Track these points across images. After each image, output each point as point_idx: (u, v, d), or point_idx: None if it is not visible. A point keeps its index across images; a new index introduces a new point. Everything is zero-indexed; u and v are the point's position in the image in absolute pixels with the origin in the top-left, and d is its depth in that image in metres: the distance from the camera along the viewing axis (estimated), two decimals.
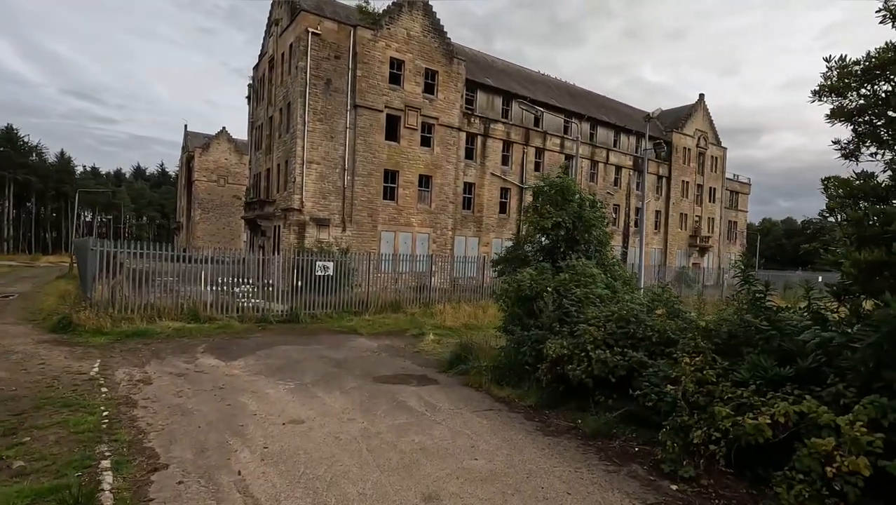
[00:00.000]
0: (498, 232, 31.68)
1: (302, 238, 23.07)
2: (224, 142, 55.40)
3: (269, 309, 15.25)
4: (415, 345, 12.21)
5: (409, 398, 7.47)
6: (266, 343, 11.58)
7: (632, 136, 40.10)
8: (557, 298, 7.32)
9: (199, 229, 52.24)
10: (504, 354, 8.16)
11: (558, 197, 8.77)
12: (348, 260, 18.18)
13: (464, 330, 14.85)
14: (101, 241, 13.19)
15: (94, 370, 8.51)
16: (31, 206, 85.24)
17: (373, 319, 15.95)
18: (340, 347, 11.61)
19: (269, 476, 4.72)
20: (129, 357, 9.66)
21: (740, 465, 4.78)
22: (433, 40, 27.06)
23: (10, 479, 4.45)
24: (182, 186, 61.86)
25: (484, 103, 30.64)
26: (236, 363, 9.43)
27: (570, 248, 8.69)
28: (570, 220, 8.52)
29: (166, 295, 13.85)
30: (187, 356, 9.91)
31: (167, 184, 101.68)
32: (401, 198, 26.43)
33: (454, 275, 21.20)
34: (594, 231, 8.82)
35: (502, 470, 5.04)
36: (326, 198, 24.07)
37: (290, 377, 8.47)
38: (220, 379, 8.23)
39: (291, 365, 9.41)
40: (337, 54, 24.00)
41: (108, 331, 11.71)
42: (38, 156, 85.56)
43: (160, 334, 11.90)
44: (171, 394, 7.29)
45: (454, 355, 9.59)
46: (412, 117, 26.36)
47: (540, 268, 7.96)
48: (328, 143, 23.95)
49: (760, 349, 5.29)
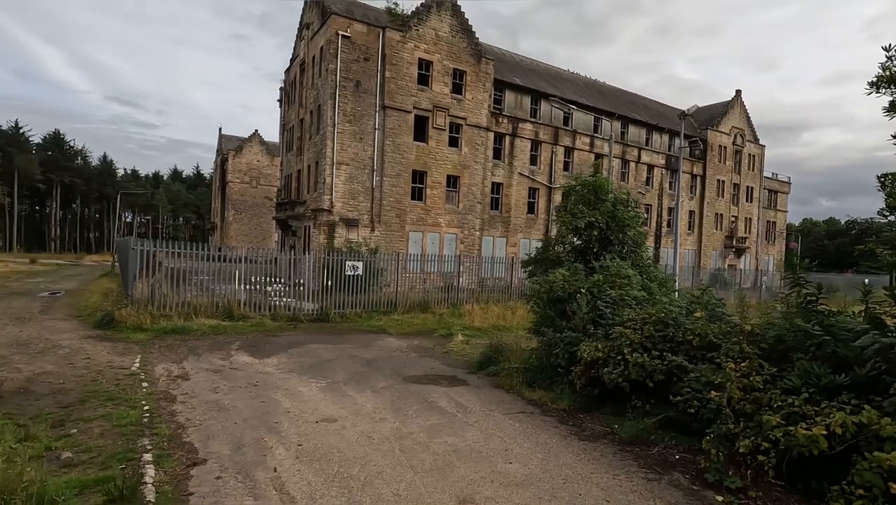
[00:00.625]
0: (526, 232, 31.37)
1: (332, 238, 23.39)
2: (256, 144, 56.80)
3: (299, 308, 15.50)
4: (444, 345, 12.17)
5: (439, 399, 7.42)
6: (297, 342, 11.75)
7: (664, 135, 39.10)
8: (591, 299, 7.13)
9: (232, 229, 53.71)
10: (535, 356, 8.02)
11: (591, 196, 8.54)
12: (377, 260, 18.31)
13: (492, 331, 14.73)
14: (142, 241, 13.67)
15: (135, 365, 8.79)
16: (75, 208, 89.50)
17: (401, 318, 16.01)
18: (370, 346, 11.68)
19: (303, 474, 4.75)
20: (168, 353, 9.95)
21: (791, 477, 4.53)
22: (461, 40, 27.01)
23: (59, 469, 4.61)
24: (216, 188, 63.75)
25: (512, 103, 30.39)
26: (269, 361, 9.60)
27: (603, 249, 8.45)
28: (604, 220, 8.29)
29: (202, 293, 14.24)
30: (222, 353, 10.14)
31: (202, 186, 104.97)
32: (429, 198, 26.47)
33: (482, 275, 21.07)
34: (629, 231, 8.56)
35: (537, 475, 4.93)
36: (356, 198, 24.32)
37: (321, 375, 8.55)
38: (254, 376, 8.38)
39: (322, 364, 9.50)
40: (366, 56, 24.23)
41: (148, 327, 12.11)
42: (83, 159, 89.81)
43: (196, 331, 12.23)
44: (208, 390, 7.46)
45: (484, 356, 9.49)
46: (440, 118, 26.37)
47: (573, 268, 7.78)
48: (357, 144, 24.20)
49: (812, 355, 5.01)
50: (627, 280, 7.29)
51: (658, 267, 8.82)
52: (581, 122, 33.49)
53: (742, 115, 45.31)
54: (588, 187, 8.65)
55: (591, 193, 8.56)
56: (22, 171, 71.25)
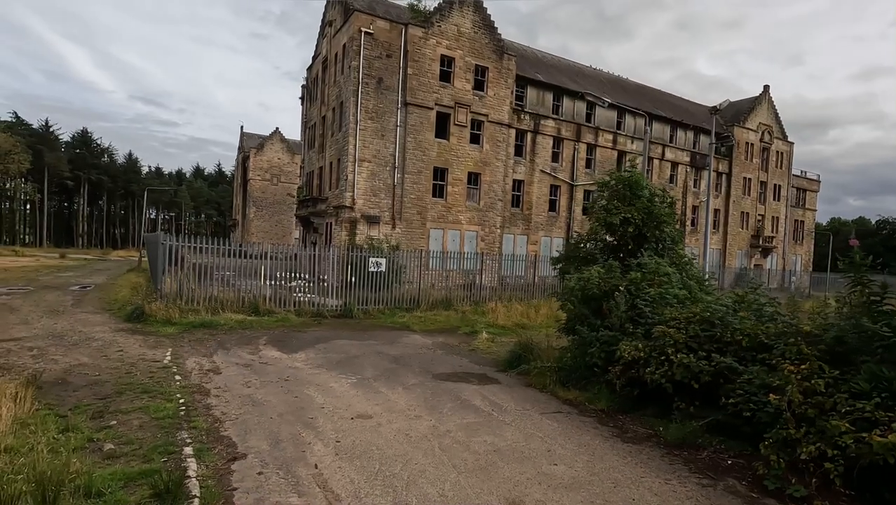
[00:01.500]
0: (547, 230, 31.04)
1: (353, 235, 23.42)
2: (277, 142, 57.39)
3: (323, 304, 15.51)
4: (469, 343, 12.02)
5: (472, 397, 7.28)
6: (323, 337, 11.72)
7: (689, 131, 38.29)
8: (629, 297, 6.89)
9: (253, 226, 54.38)
10: (570, 354, 7.81)
11: (626, 192, 8.27)
12: (398, 257, 18.26)
13: (516, 329, 14.59)
14: (169, 236, 13.83)
15: (167, 358, 8.84)
16: (102, 204, 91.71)
17: (424, 315, 15.91)
18: (395, 343, 11.59)
19: (345, 471, 4.65)
20: (197, 347, 10.00)
21: (861, 486, 4.27)
22: (483, 36, 26.78)
23: (102, 461, 4.59)
24: (238, 185, 64.62)
25: (534, 99, 30.06)
26: (298, 356, 9.57)
27: (638, 246, 8.18)
28: (640, 217, 8.01)
29: (228, 288, 14.35)
30: (251, 347, 10.16)
31: (223, 183, 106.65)
32: (450, 195, 26.33)
33: (503, 273, 20.86)
34: (665, 228, 8.26)
35: (585, 478, 4.75)
36: (377, 195, 24.32)
37: (350, 371, 8.48)
38: (284, 371, 8.34)
39: (350, 360, 9.44)
40: (388, 53, 24.18)
41: (177, 321, 12.22)
42: (110, 157, 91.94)
43: (224, 326, 12.30)
44: (240, 384, 7.44)
45: (513, 355, 9.32)
46: (462, 114, 26.20)
47: (608, 266, 7.54)
48: (379, 141, 24.18)
49: (880, 358, 4.73)
50: (667, 278, 7.03)
51: (696, 265, 8.50)
52: (604, 119, 33.00)
53: (770, 112, 44.10)
54: (623, 183, 8.38)
55: (626, 189, 8.30)
56: (52, 169, 73.25)
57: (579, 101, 31.80)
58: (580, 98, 31.91)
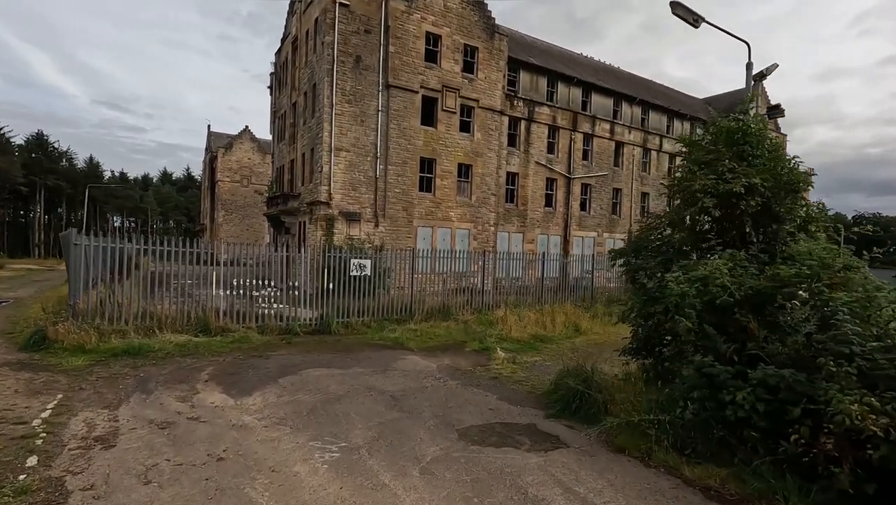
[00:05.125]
0: (544, 227, 28.50)
1: (330, 234, 20.38)
2: (247, 141, 53.60)
3: (294, 317, 12.52)
4: (485, 365, 9.24)
5: (542, 485, 4.36)
6: (292, 365, 8.76)
7: (686, 122, 36.34)
8: (814, 309, 4.16)
9: (222, 231, 50.49)
10: (682, 400, 4.82)
11: (741, 146, 5.49)
12: (385, 258, 15.36)
13: (535, 343, 11.90)
14: (87, 235, 10.58)
15: (45, 414, 5.80)
16: (61, 212, 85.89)
17: (419, 328, 13.05)
18: (389, 369, 8.71)
19: None
20: (105, 390, 6.94)
21: None
22: (472, 13, 24.12)
23: None
24: (206, 188, 60.58)
25: (527, 84, 27.51)
26: (250, 401, 6.60)
27: (760, 228, 5.48)
28: (770, 182, 5.27)
29: (170, 302, 11.23)
30: (184, 387, 7.14)
31: (193, 188, 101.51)
32: (438, 189, 23.51)
33: (512, 274, 18.11)
34: (800, 202, 5.56)
35: None
36: (357, 189, 21.33)
37: (329, 431, 5.56)
38: (222, 436, 5.37)
39: (329, 404, 6.53)
40: (367, 28, 21.26)
41: (93, 348, 9.09)
42: (69, 161, 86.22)
43: (157, 352, 9.22)
44: (136, 475, 4.41)
45: (561, 387, 6.55)
46: (450, 99, 23.44)
47: (733, 256, 4.83)
48: (358, 127, 21.21)
49: None
50: (854, 275, 4.31)
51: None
52: (600, 108, 30.74)
53: (764, 103, 42.63)
54: (735, 135, 5.62)
55: (739, 142, 5.57)
56: (3, 174, 67.65)
57: (574, 87, 29.46)
58: (575, 84, 29.59)
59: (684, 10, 7.47)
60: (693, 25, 7.70)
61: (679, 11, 7.46)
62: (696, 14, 7.48)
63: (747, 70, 8.85)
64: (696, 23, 7.64)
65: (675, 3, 7.52)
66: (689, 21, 7.54)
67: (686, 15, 7.45)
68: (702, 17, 7.68)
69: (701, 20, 7.73)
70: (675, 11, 7.51)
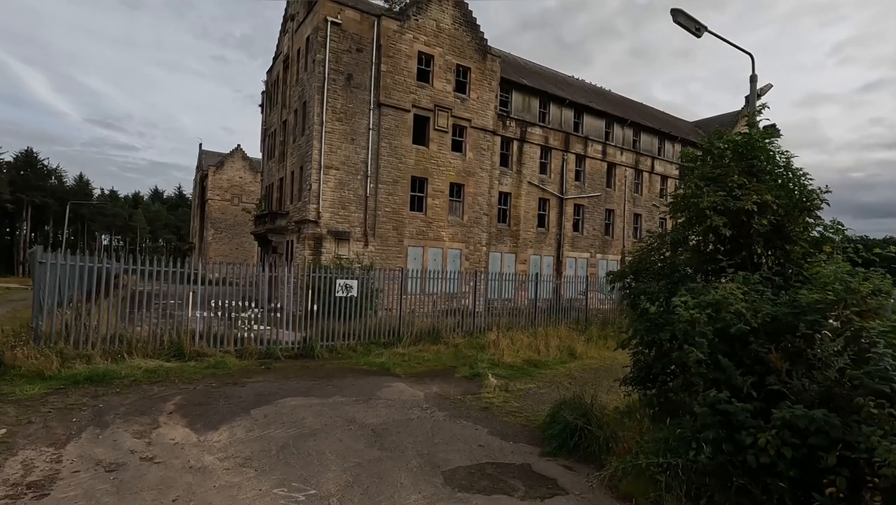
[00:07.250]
0: (536, 248, 28.16)
1: (318, 254, 19.85)
2: (238, 160, 53.29)
3: (276, 340, 11.90)
4: (476, 394, 8.67)
5: None
6: (268, 394, 8.14)
7: (677, 144, 36.57)
8: (847, 340, 3.68)
9: (211, 250, 49.72)
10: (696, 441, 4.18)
11: (750, 161, 5.10)
12: (373, 278, 14.82)
13: (528, 368, 11.37)
14: (55, 253, 9.98)
15: None
16: (48, 230, 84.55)
17: (407, 352, 12.48)
18: (373, 399, 8.12)
19: None
20: (56, 423, 6.29)
21: None
22: (465, 34, 24.20)
23: None
24: (196, 206, 59.94)
25: (519, 105, 27.53)
26: (215, 437, 5.98)
27: (768, 250, 5.07)
28: (783, 200, 4.87)
29: (143, 324, 10.60)
30: (145, 420, 6.51)
31: (184, 206, 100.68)
32: (430, 209, 23.15)
33: (505, 295, 17.61)
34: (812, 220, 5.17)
35: None
36: (346, 208, 20.90)
37: (298, 475, 4.96)
38: (175, 481, 4.75)
39: (303, 441, 5.93)
40: (359, 47, 21.17)
41: (53, 374, 8.43)
42: (58, 179, 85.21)
43: (123, 379, 8.57)
44: None
45: (558, 421, 6.00)
46: (442, 118, 23.29)
47: (746, 279, 4.40)
48: (349, 146, 20.91)
49: None
50: (885, 300, 3.89)
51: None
52: (592, 129, 30.83)
53: None
54: (742, 149, 5.24)
55: (746, 157, 5.18)
56: None
57: (566, 108, 29.55)
58: (567, 106, 29.68)
59: (686, 18, 7.27)
60: (695, 35, 7.51)
61: (680, 19, 7.26)
62: (698, 22, 7.28)
63: (751, 82, 8.60)
64: (698, 31, 7.45)
65: (676, 10, 7.33)
66: (690, 30, 7.35)
67: (688, 23, 7.25)
68: (704, 27, 7.49)
69: (703, 29, 7.54)
70: (677, 19, 7.32)
